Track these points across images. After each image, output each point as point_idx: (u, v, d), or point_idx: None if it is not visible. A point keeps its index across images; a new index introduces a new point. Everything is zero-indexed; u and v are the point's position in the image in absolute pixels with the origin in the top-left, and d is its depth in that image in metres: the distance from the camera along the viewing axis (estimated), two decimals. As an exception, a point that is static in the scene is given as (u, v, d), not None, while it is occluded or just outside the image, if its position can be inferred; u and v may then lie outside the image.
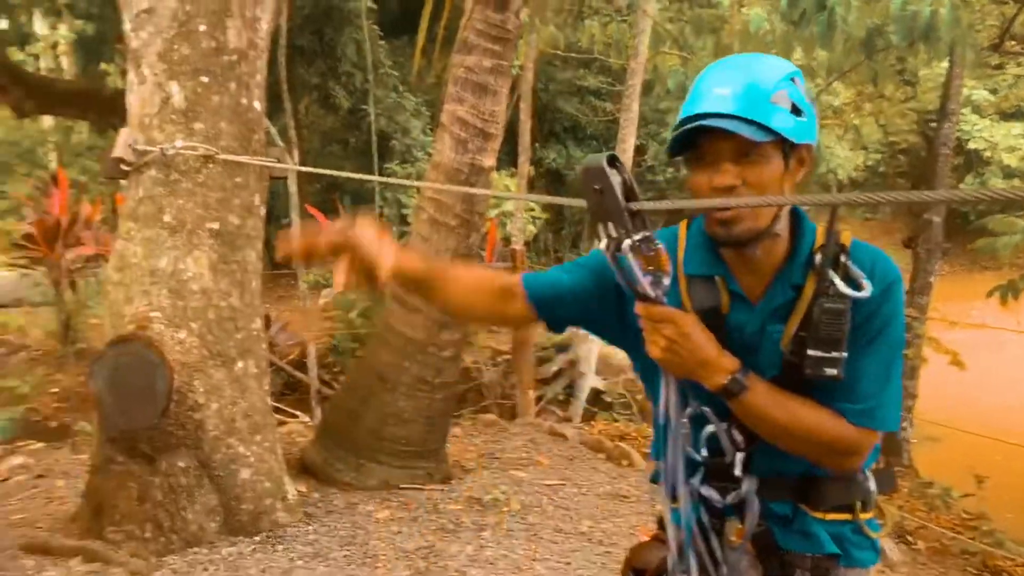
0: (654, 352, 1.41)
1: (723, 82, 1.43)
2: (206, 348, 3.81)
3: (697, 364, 1.39)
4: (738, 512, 1.51)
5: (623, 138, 8.71)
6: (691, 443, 1.52)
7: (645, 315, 1.39)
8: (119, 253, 3.95)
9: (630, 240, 1.30)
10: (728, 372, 1.39)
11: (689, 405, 1.50)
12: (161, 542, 3.69)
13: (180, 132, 3.91)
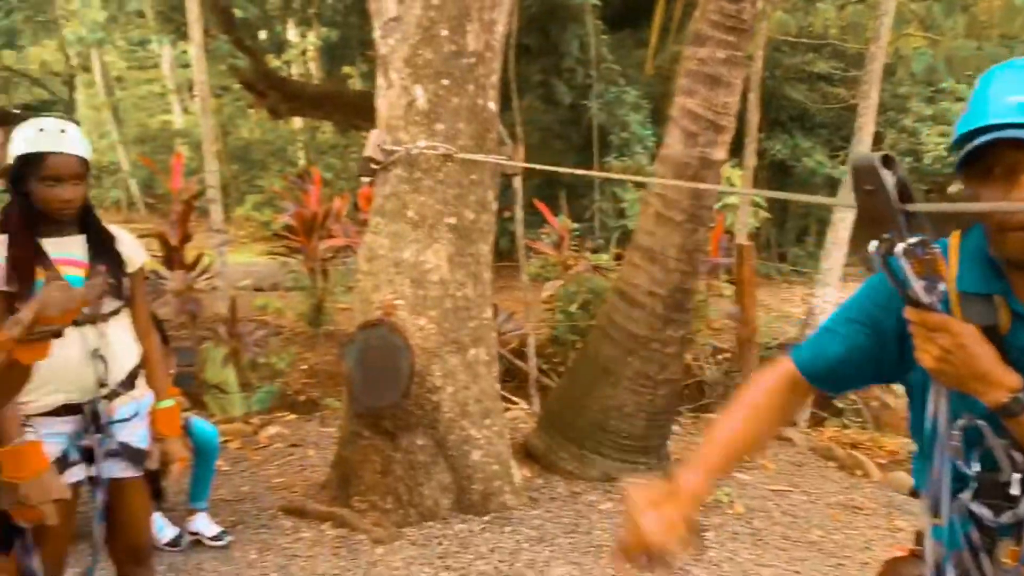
0: (926, 361, 1.32)
1: (1018, 88, 1.32)
2: (443, 335, 4.05)
3: (974, 377, 1.30)
4: (1013, 532, 1.40)
5: (861, 126, 8.19)
6: (962, 456, 1.41)
7: (918, 322, 1.31)
8: (368, 245, 4.27)
9: (904, 244, 1.22)
10: (1010, 390, 1.29)
11: (961, 417, 1.40)
12: (400, 514, 3.97)
13: (423, 133, 4.16)
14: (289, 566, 3.58)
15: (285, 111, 13.25)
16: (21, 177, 2.34)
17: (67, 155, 2.34)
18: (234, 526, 4.01)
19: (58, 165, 2.33)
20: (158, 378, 2.64)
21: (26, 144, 2.32)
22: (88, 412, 2.39)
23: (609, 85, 12.06)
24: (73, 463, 2.41)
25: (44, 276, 2.33)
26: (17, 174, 2.34)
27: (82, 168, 2.39)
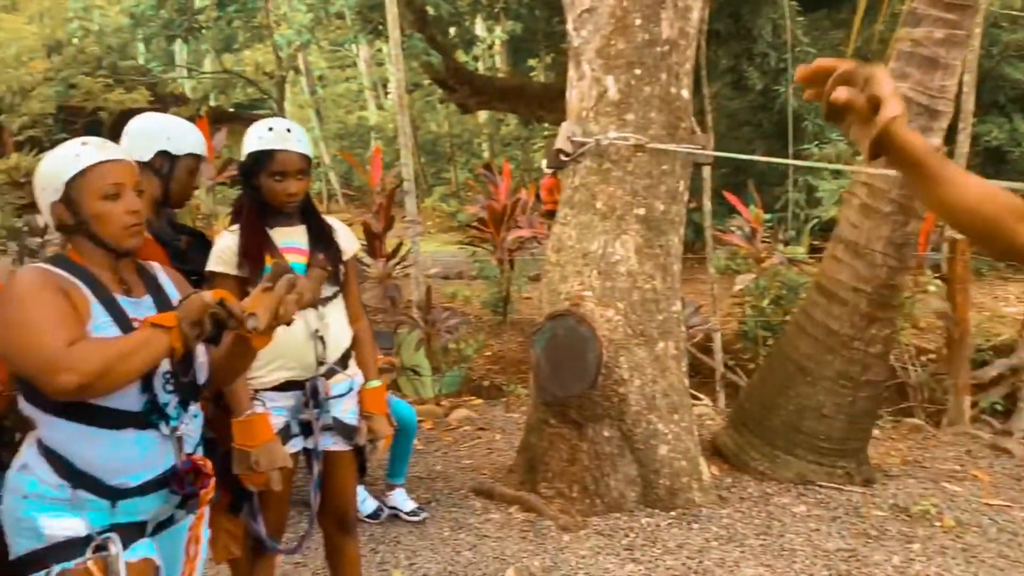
0: None
1: None
2: (630, 327, 4.03)
3: None
4: None
5: (1097, 107, 7.31)
6: None
7: None
8: (556, 236, 4.32)
9: None
10: None
11: None
12: (586, 503, 4.00)
13: (613, 123, 4.15)
14: (480, 545, 3.70)
15: (474, 105, 13.65)
16: (252, 172, 2.55)
17: (292, 152, 2.53)
18: (428, 503, 4.20)
19: (284, 161, 2.52)
20: (367, 359, 2.80)
21: (257, 142, 2.53)
22: (308, 388, 2.58)
23: (804, 69, 11.46)
24: (294, 435, 2.61)
25: (271, 262, 2.54)
26: (249, 169, 2.56)
27: (305, 164, 2.58)
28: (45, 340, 1.72)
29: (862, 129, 1.25)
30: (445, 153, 22.93)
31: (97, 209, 1.89)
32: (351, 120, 24.08)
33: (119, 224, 1.91)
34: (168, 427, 1.93)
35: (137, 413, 1.88)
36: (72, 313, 1.80)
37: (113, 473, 1.86)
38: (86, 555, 1.82)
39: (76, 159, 1.89)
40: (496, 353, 8.74)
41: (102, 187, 1.89)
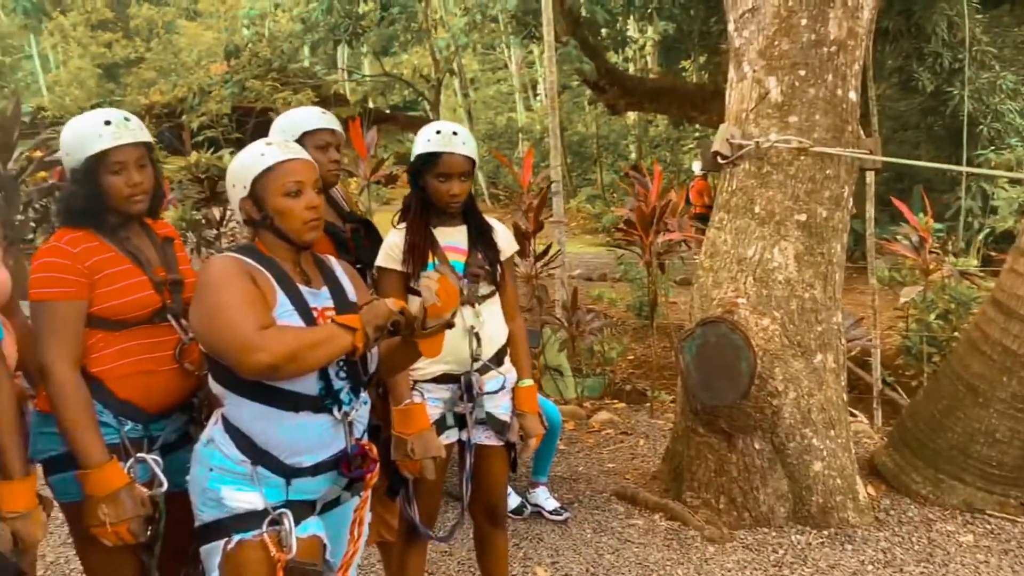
0: None
1: None
2: (787, 337, 3.89)
3: None
4: None
5: None
6: None
7: None
8: (711, 241, 4.24)
9: None
10: None
11: None
12: (733, 516, 3.90)
13: (775, 126, 4.03)
14: (622, 550, 3.69)
15: (623, 106, 13.58)
16: (419, 173, 2.65)
17: (457, 155, 2.61)
18: (570, 503, 4.22)
19: (449, 164, 2.60)
20: (521, 358, 2.85)
21: (425, 144, 2.63)
22: (463, 382, 2.65)
23: (981, 70, 10.71)
24: (449, 427, 2.70)
25: (433, 259, 2.64)
26: (416, 170, 2.65)
27: (468, 166, 2.65)
28: (240, 321, 1.86)
29: None
30: (591, 154, 22.95)
31: (280, 205, 2.03)
32: (500, 121, 24.53)
33: (299, 219, 2.04)
34: (340, 412, 2.04)
35: (314, 397, 2.00)
36: (261, 299, 1.94)
37: (290, 453, 1.99)
38: (263, 528, 1.95)
39: (262, 158, 2.04)
40: (639, 357, 8.65)
41: (284, 184, 2.03)
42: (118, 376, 2.15)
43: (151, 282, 2.22)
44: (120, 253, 2.21)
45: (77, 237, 2.17)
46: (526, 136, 22.67)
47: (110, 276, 2.16)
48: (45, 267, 2.12)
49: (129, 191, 2.18)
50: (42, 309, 2.10)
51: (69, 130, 2.20)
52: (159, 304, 2.21)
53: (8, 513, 1.97)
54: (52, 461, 2.16)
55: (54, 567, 3.59)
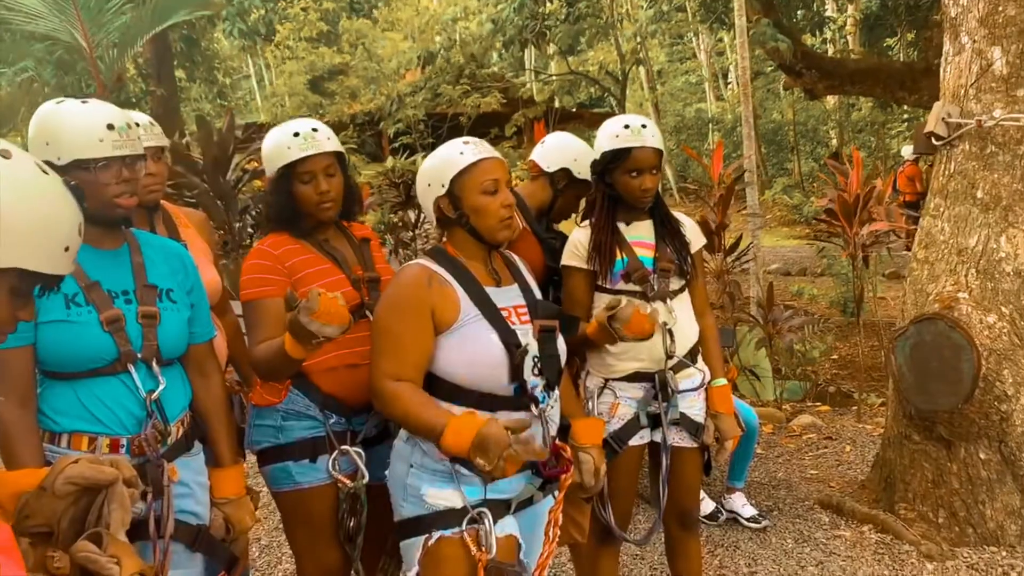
0: None
1: None
2: (1017, 335, 3.49)
3: None
4: None
5: None
6: None
7: None
8: (925, 230, 3.88)
9: None
10: None
11: None
12: (955, 531, 3.55)
13: (999, 101, 3.63)
14: (827, 562, 3.45)
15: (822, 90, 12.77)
16: (608, 169, 2.59)
17: (647, 148, 2.55)
18: (769, 511, 4.02)
19: (640, 158, 2.54)
20: (713, 356, 2.73)
21: (614, 140, 2.57)
22: (657, 381, 2.57)
23: None
24: (642, 427, 2.62)
25: (622, 256, 2.58)
26: (605, 166, 2.60)
27: (658, 159, 2.58)
28: (386, 361, 1.99)
29: None
30: (788, 142, 21.89)
31: (477, 202, 2.05)
32: (689, 113, 23.94)
33: (496, 217, 2.06)
34: (537, 409, 2.03)
35: (509, 397, 2.01)
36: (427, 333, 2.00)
37: None
38: (462, 526, 1.97)
39: (460, 156, 2.06)
40: (844, 357, 8.11)
41: (482, 182, 2.05)
42: (323, 370, 2.26)
43: (349, 280, 2.33)
44: (319, 254, 2.34)
45: (279, 240, 2.32)
46: (716, 127, 22.00)
47: (310, 275, 2.28)
48: (252, 268, 2.28)
49: (318, 198, 2.29)
50: (252, 307, 2.26)
51: (266, 142, 2.34)
52: (358, 301, 2.31)
53: (220, 499, 2.12)
54: (266, 452, 2.32)
55: (268, 551, 3.87)
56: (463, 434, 1.84)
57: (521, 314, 2.11)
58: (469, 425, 1.86)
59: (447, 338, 2.01)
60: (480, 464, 1.83)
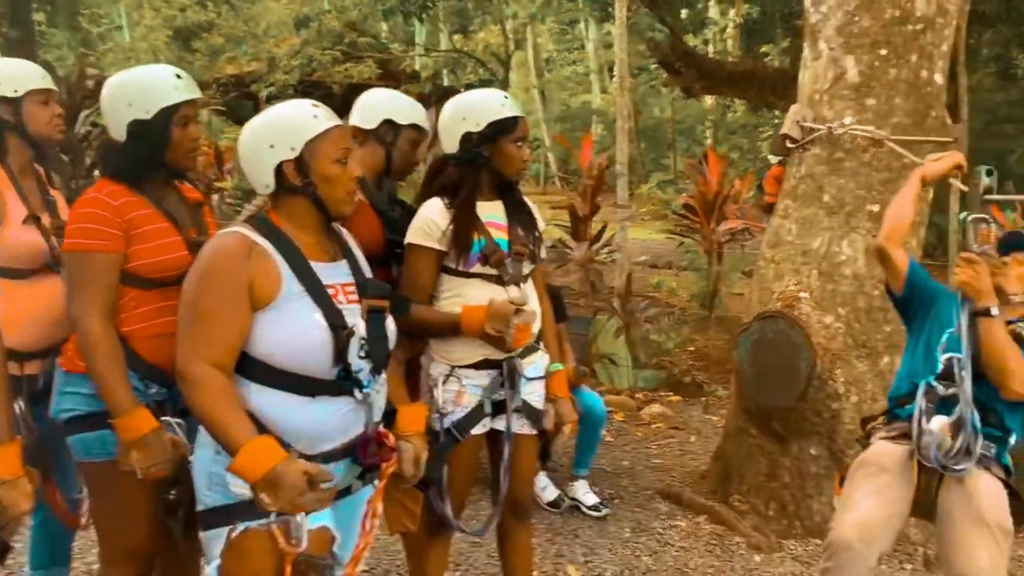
0: (962, 278, 2.40)
1: None
2: (851, 337, 3.63)
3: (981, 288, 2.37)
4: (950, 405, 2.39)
5: None
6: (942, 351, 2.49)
7: (968, 258, 2.41)
8: (774, 230, 3.98)
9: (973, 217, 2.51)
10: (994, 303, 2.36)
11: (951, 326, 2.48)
12: (783, 524, 3.67)
13: (850, 108, 3.75)
14: (662, 553, 3.50)
15: (699, 89, 13.10)
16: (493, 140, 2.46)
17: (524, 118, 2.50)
18: (611, 499, 4.04)
19: (524, 127, 2.49)
20: (552, 341, 2.68)
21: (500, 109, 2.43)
22: (506, 368, 2.49)
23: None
24: (486, 415, 2.53)
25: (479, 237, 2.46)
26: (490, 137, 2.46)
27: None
28: (194, 339, 1.81)
29: None
30: (666, 139, 22.45)
31: (330, 172, 1.90)
32: (575, 103, 24.16)
33: (345, 188, 1.93)
34: (361, 393, 1.91)
35: (331, 381, 1.88)
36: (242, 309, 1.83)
37: (303, 438, 1.86)
38: (271, 517, 1.83)
39: (314, 120, 1.91)
40: (701, 349, 8.35)
41: (336, 151, 1.91)
42: (146, 336, 2.10)
43: (185, 242, 2.16)
44: (158, 211, 2.15)
45: (118, 190, 2.12)
46: (600, 119, 22.29)
47: (147, 233, 2.11)
48: (85, 217, 2.07)
49: (191, 145, 2.19)
50: (78, 260, 2.06)
51: (138, 81, 2.17)
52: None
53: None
54: (75, 420, 2.13)
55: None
56: (257, 464, 1.72)
57: (349, 293, 1.97)
58: (266, 456, 1.73)
59: (265, 315, 1.85)
60: (264, 501, 1.72)
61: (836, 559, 2.40)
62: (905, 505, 2.46)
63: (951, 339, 2.46)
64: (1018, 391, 2.35)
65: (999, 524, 2.32)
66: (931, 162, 2.75)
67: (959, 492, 2.37)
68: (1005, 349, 2.35)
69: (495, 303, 2.36)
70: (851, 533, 2.39)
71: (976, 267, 2.38)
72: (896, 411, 2.61)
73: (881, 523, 2.41)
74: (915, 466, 2.44)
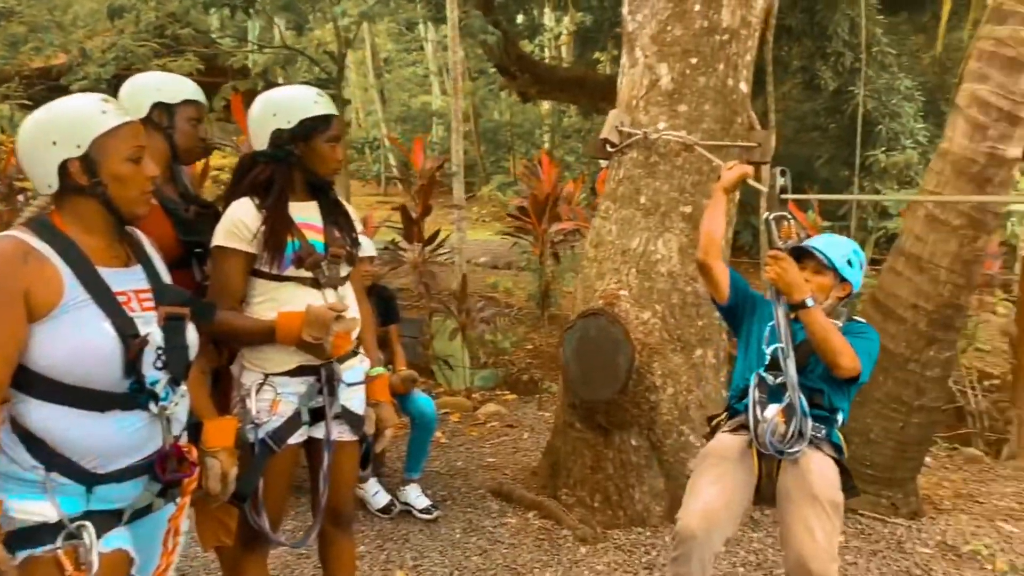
0: (771, 275, 2.48)
1: None
2: (667, 331, 3.79)
3: (793, 283, 2.46)
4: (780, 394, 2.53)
5: None
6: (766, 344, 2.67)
7: (774, 256, 2.49)
8: (596, 230, 4.11)
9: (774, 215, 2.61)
10: (804, 295, 2.46)
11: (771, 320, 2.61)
12: (608, 514, 3.78)
13: (664, 114, 3.92)
14: (491, 551, 3.52)
15: (534, 94, 13.40)
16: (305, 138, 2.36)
17: (339, 117, 2.41)
18: (444, 500, 4.04)
19: (338, 126, 2.40)
20: (372, 344, 2.64)
21: (313, 107, 2.34)
22: (324, 374, 2.41)
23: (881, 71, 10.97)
24: (303, 423, 2.45)
25: (293, 239, 2.37)
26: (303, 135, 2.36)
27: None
28: None
29: None
30: (506, 142, 22.77)
31: (121, 171, 1.77)
32: (415, 104, 24.04)
33: (139, 188, 1.81)
34: (157, 406, 1.80)
35: (123, 395, 1.75)
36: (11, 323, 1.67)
37: (92, 457, 1.73)
38: (56, 543, 1.69)
39: (103, 116, 1.77)
40: (538, 347, 8.52)
41: (128, 149, 1.79)
42: None
43: None
44: None
45: None
46: (441, 120, 22.31)
47: None
48: None
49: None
50: None
51: None
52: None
53: None
54: None
55: None
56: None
57: (144, 300, 1.85)
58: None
59: (44, 325, 1.70)
60: None
61: (683, 547, 2.50)
62: (746, 492, 2.58)
63: (772, 332, 2.60)
64: (849, 367, 2.45)
65: (830, 500, 2.45)
66: (725, 172, 2.88)
67: (794, 473, 2.50)
68: (828, 332, 2.44)
69: (313, 309, 2.27)
70: (696, 522, 2.48)
71: (783, 263, 2.46)
72: (735, 406, 2.73)
73: (723, 510, 2.52)
74: (754, 454, 2.57)
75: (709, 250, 2.74)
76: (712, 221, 2.77)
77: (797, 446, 2.46)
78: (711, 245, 2.73)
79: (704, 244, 2.75)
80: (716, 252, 2.76)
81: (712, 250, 2.74)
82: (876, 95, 10.73)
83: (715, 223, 2.76)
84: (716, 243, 2.75)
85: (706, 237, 2.75)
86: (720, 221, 2.79)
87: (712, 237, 2.74)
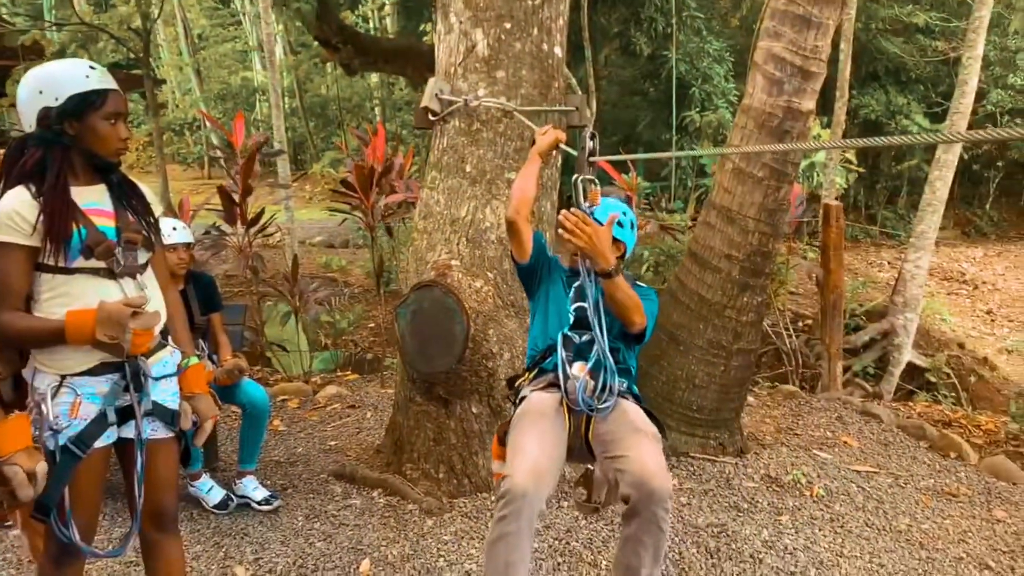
0: (579, 242, 2.45)
1: None
2: (500, 298, 3.81)
3: (598, 252, 2.43)
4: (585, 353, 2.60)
5: (964, 80, 7.54)
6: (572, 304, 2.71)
7: (579, 218, 2.46)
8: (424, 201, 4.05)
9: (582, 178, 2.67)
10: (610, 263, 2.44)
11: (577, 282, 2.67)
12: (453, 484, 3.79)
13: (483, 80, 3.90)
14: (336, 535, 3.44)
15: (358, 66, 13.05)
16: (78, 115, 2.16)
17: (120, 93, 2.23)
18: (284, 489, 3.91)
19: (118, 102, 2.22)
20: (183, 333, 2.48)
21: (84, 82, 2.14)
22: (129, 369, 2.24)
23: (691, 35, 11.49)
24: (110, 424, 2.27)
25: (78, 227, 2.18)
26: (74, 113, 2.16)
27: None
28: None
29: None
30: (335, 117, 22.19)
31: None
32: (235, 81, 22.95)
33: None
34: None
35: None
36: None
37: None
38: None
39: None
40: (380, 324, 8.40)
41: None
42: None
43: None
44: None
45: None
46: (264, 97, 21.42)
47: None
48: None
49: None
50: None
51: None
52: None
53: None
54: None
55: None
56: None
57: None
58: None
59: None
60: None
61: (513, 505, 2.42)
62: (563, 448, 2.59)
63: (577, 292, 2.65)
64: (642, 323, 2.53)
65: (652, 433, 2.51)
66: (540, 137, 2.91)
67: (612, 418, 2.54)
68: (627, 294, 2.49)
69: (106, 307, 2.10)
70: (525, 480, 2.42)
71: (595, 230, 2.45)
72: (543, 365, 2.75)
73: (549, 466, 2.52)
74: (565, 411, 2.60)
75: (520, 209, 2.72)
76: (525, 181, 2.77)
77: (608, 401, 2.52)
78: (523, 205, 2.72)
79: (516, 203, 2.73)
80: (526, 213, 2.76)
81: (523, 210, 2.73)
82: (688, 58, 11.22)
83: (527, 184, 2.77)
84: (527, 203, 2.75)
85: (518, 197, 2.73)
86: (532, 183, 2.79)
87: (524, 197, 2.73)
